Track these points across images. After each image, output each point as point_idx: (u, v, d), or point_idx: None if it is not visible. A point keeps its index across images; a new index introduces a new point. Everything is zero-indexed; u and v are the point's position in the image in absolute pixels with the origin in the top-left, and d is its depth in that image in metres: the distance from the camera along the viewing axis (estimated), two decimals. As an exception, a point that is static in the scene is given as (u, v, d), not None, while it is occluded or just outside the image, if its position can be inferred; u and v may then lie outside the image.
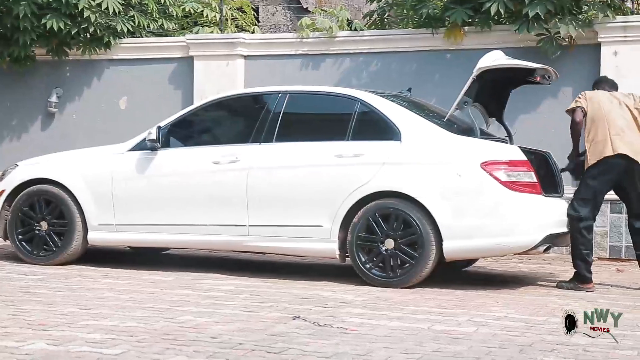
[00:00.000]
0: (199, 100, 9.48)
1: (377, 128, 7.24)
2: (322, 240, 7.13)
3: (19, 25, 10.57)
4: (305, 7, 14.85)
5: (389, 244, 6.92)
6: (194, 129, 8.15)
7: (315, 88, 8.11)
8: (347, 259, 7.17)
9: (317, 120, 7.97)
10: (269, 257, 8.69)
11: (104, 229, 7.78)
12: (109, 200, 7.75)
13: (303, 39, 10.35)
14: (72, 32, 10.67)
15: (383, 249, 6.94)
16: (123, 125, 10.59)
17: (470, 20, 9.56)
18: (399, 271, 6.90)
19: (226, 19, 11.93)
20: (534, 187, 6.90)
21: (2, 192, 8.12)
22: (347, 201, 7.05)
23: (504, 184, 6.78)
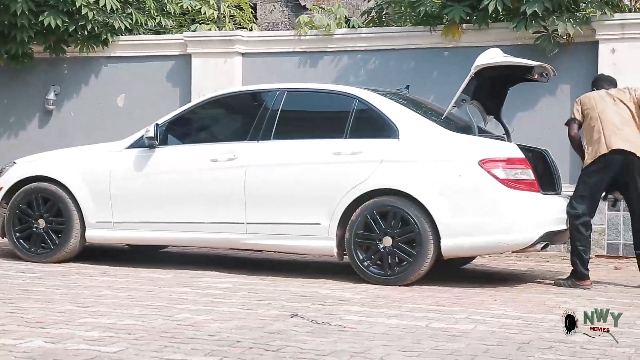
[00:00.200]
0: (196, 98, 9.45)
1: (375, 126, 7.23)
2: (320, 237, 7.13)
3: (17, 23, 10.54)
4: (303, 4, 14.82)
5: (387, 241, 6.92)
6: (191, 127, 8.15)
7: (313, 86, 8.10)
8: (345, 257, 7.17)
9: (315, 117, 7.96)
10: (266, 255, 8.69)
11: (102, 227, 7.78)
12: (107, 197, 7.74)
13: (301, 37, 10.34)
14: (70, 29, 10.64)
15: (381, 246, 6.93)
16: (121, 122, 10.58)
17: (468, 17, 9.55)
18: (396, 269, 6.90)
19: (224, 17, 11.92)
20: (532, 185, 6.90)
21: (-1, 189, 8.12)
22: (345, 199, 7.04)
23: (502, 181, 6.78)
